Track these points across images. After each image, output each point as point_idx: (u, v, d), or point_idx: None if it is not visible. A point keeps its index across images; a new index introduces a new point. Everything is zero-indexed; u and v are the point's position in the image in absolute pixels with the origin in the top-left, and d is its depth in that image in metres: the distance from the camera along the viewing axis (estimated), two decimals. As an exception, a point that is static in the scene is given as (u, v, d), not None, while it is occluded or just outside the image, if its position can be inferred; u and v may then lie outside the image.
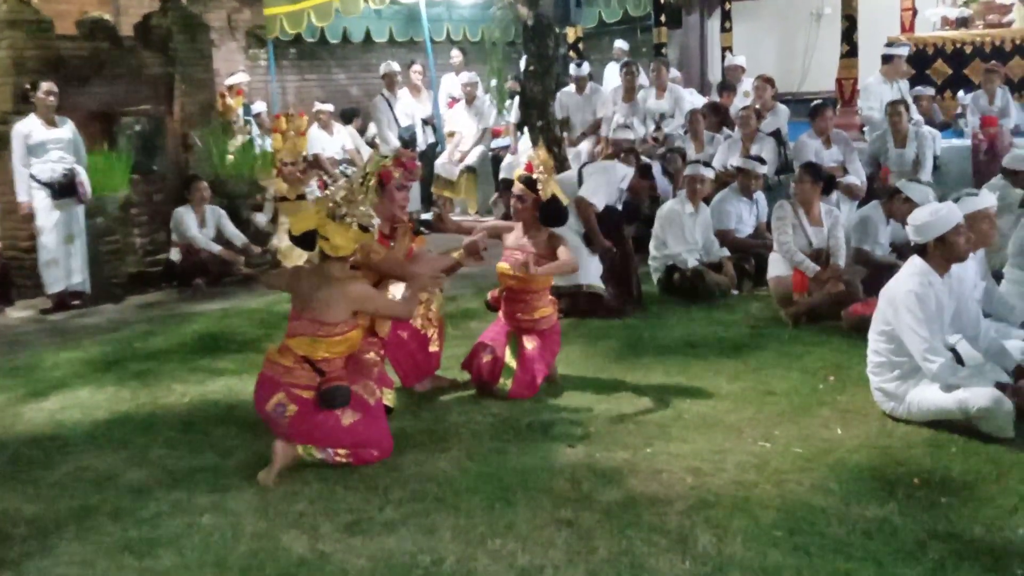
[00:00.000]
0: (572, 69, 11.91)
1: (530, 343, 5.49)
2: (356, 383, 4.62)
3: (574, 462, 4.48)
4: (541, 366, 5.52)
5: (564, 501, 4.07)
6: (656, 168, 9.18)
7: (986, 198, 5.32)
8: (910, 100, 9.93)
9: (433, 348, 5.55)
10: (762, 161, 8.45)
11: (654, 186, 8.64)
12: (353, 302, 4.51)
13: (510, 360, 5.45)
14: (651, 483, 4.22)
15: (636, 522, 3.86)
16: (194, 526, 4.00)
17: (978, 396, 4.51)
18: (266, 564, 3.67)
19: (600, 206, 7.16)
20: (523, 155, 6.14)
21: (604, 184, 7.21)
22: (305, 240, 4.55)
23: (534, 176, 5.48)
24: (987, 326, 5.09)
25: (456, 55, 13.66)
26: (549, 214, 5.53)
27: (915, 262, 4.84)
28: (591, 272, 7.14)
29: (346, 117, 13.43)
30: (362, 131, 13.62)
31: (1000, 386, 4.58)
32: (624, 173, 7.47)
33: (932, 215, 4.79)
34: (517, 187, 5.57)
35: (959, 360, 4.68)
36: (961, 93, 11.21)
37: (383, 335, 5.08)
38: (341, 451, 4.49)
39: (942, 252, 4.76)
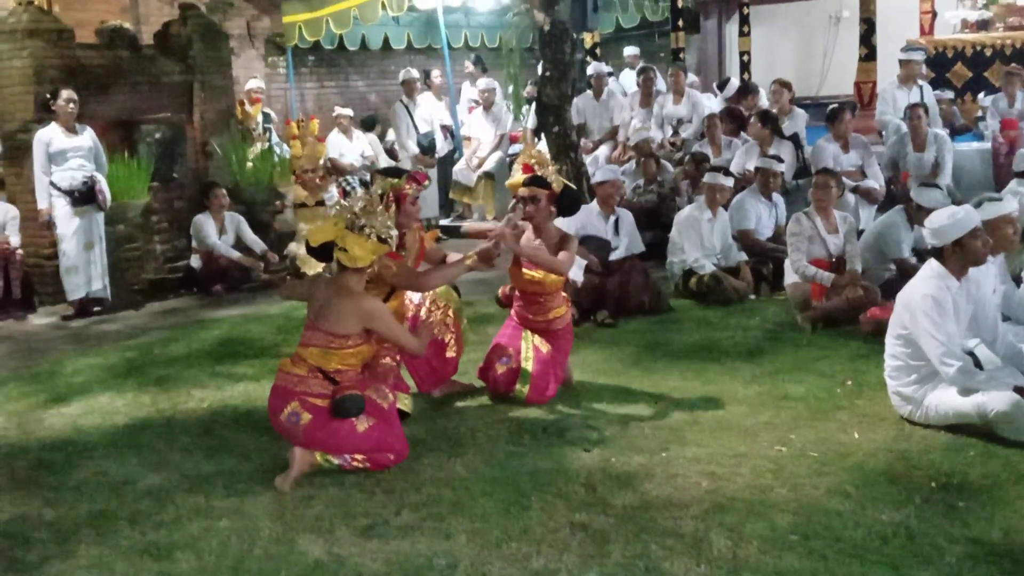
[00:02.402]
0: (591, 68, 11.91)
1: (545, 346, 5.50)
2: (368, 388, 4.63)
3: (589, 466, 4.49)
4: (558, 371, 5.53)
5: (579, 505, 4.07)
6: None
7: (1009, 203, 5.30)
8: (933, 104, 9.88)
9: (450, 354, 5.54)
10: (780, 160, 8.45)
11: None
12: (365, 319, 4.51)
13: (526, 364, 5.46)
14: (666, 487, 4.22)
15: (651, 526, 3.85)
16: (211, 530, 4.03)
17: (996, 400, 4.48)
18: (282, 567, 3.69)
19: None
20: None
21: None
22: (322, 252, 4.55)
23: (539, 173, 5.48)
24: (1005, 330, 5.06)
25: (469, 66, 13.67)
26: (567, 203, 5.54)
27: (932, 266, 4.82)
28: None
29: (367, 125, 13.51)
30: (381, 137, 13.70)
31: (1018, 390, 4.54)
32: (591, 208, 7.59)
33: (950, 218, 4.76)
34: (526, 191, 5.46)
35: (977, 364, 4.65)
36: (981, 96, 11.16)
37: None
38: (358, 457, 4.50)
39: (960, 256, 4.74)
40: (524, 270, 5.49)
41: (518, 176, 5.58)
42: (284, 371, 4.56)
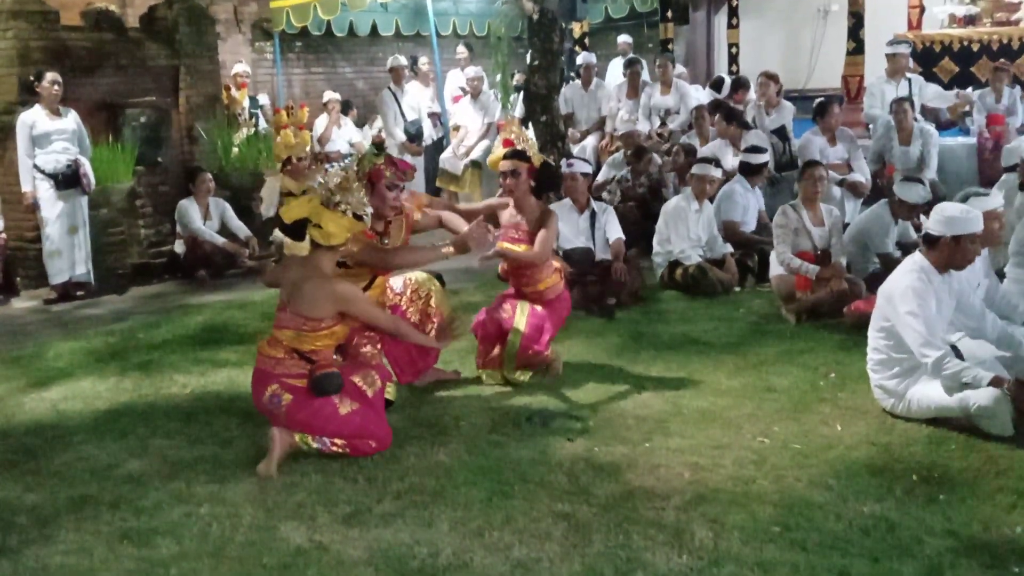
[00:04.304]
0: (580, 58, 11.89)
1: (539, 308, 5.58)
2: (356, 373, 4.62)
3: (572, 456, 4.49)
4: (549, 325, 5.60)
5: (562, 494, 4.08)
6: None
7: (994, 198, 5.33)
8: (916, 98, 9.88)
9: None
10: (762, 149, 8.45)
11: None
12: (337, 302, 4.48)
13: (519, 322, 5.50)
14: (649, 477, 4.23)
15: (633, 516, 3.86)
16: (193, 516, 4.02)
17: (979, 394, 4.49)
18: (263, 554, 3.68)
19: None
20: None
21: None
22: (295, 229, 4.51)
23: (519, 148, 5.47)
24: (993, 316, 5.08)
25: (462, 51, 13.66)
26: (546, 178, 5.58)
27: (915, 258, 4.84)
28: None
29: (342, 110, 13.48)
30: (361, 123, 13.66)
31: (996, 381, 4.55)
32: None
33: (962, 213, 4.76)
34: (507, 164, 5.50)
35: (959, 357, 4.67)
36: (968, 91, 11.17)
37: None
38: (338, 441, 4.49)
39: (952, 251, 4.73)
40: (505, 244, 5.50)
41: (499, 151, 5.57)
42: (262, 354, 4.55)
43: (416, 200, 5.46)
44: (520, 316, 5.55)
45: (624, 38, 14.32)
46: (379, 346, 5.11)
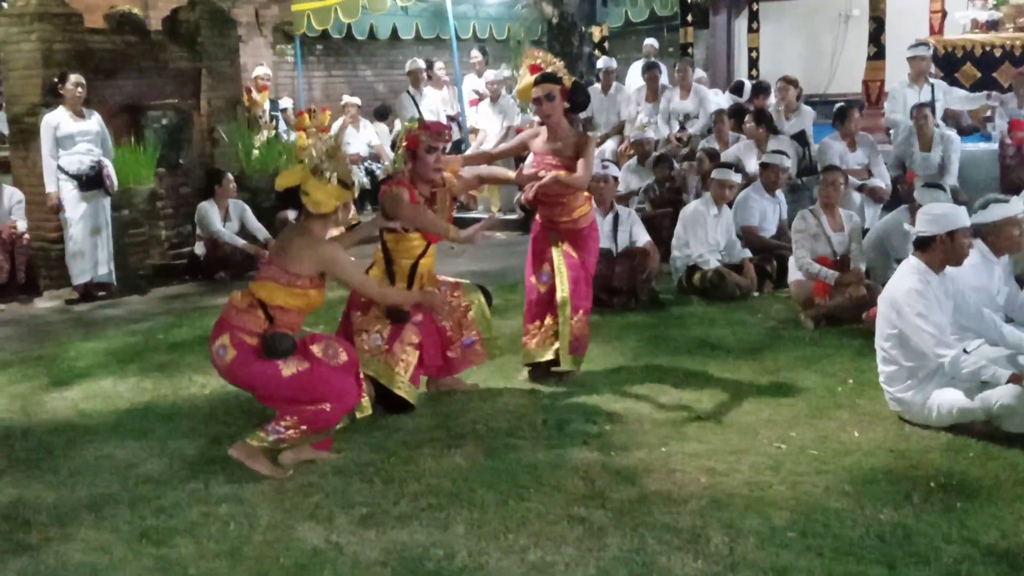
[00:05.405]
0: (601, 63, 11.89)
1: (573, 252, 5.55)
2: (316, 343, 4.55)
3: (588, 460, 4.49)
4: (588, 275, 5.64)
5: (577, 498, 4.08)
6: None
7: (1014, 205, 5.31)
8: (939, 103, 9.83)
9: (452, 354, 5.48)
10: (785, 154, 8.43)
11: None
12: (321, 262, 4.46)
13: (561, 289, 5.50)
14: (665, 482, 4.23)
15: (649, 520, 3.86)
16: (211, 516, 4.04)
17: (1000, 392, 4.45)
18: (281, 554, 3.70)
19: None
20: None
21: None
22: (288, 197, 4.53)
23: (549, 70, 5.46)
24: (991, 317, 5.06)
25: (476, 55, 13.67)
26: (578, 98, 5.53)
27: (911, 262, 4.85)
28: None
29: (379, 115, 13.50)
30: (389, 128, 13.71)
31: (1016, 378, 4.50)
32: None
33: (949, 209, 4.81)
34: (539, 89, 5.38)
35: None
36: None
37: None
38: (287, 420, 4.38)
39: (947, 249, 4.75)
40: (542, 173, 5.41)
41: (527, 79, 5.52)
42: (230, 303, 4.50)
43: (450, 166, 5.37)
44: (560, 280, 5.51)
45: (650, 41, 14.32)
46: (417, 340, 5.16)
